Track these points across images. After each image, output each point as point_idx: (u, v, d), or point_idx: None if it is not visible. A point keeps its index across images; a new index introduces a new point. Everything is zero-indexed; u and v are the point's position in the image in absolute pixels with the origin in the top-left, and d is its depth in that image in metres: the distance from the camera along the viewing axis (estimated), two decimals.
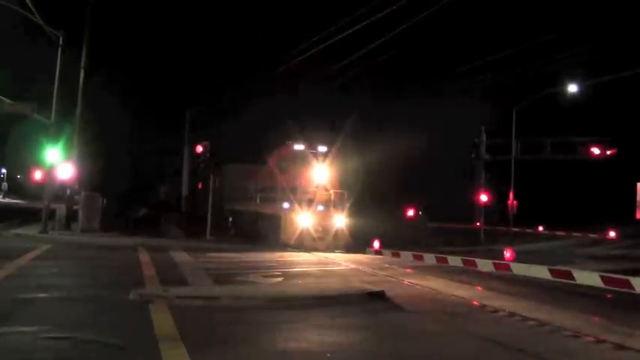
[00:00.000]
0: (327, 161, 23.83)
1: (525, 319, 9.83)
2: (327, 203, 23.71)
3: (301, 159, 24.27)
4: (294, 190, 23.61)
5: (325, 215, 23.47)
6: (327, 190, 23.83)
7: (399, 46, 23.63)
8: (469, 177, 38.58)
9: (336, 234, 23.23)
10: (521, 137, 35.97)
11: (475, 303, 11.41)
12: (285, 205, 23.48)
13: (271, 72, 30.49)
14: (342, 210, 23.58)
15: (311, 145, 24.18)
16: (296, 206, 23.18)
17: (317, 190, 23.72)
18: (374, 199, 28.45)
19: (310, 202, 23.46)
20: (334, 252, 21.74)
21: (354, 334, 8.55)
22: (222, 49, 40.81)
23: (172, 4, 42.42)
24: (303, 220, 22.98)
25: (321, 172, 23.86)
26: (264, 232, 24.73)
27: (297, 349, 7.54)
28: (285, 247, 22.34)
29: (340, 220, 23.45)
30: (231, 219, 29.28)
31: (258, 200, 26.23)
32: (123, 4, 35.39)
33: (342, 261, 18.65)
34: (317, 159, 23.86)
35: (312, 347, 7.65)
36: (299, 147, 24.38)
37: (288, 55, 26.61)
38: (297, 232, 22.86)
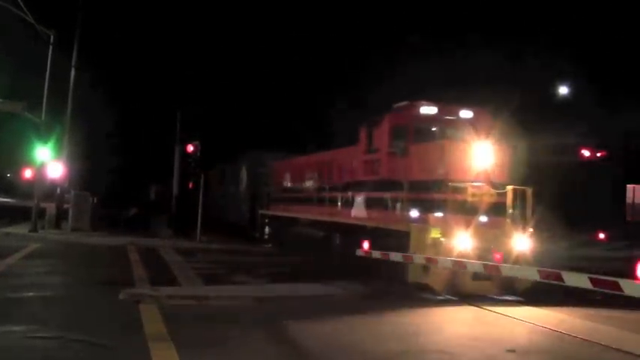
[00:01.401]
0: (491, 137, 12.94)
1: (517, 320, 9.91)
2: (497, 210, 12.44)
3: (437, 131, 14.21)
4: (435, 185, 12.60)
5: (496, 231, 12.25)
6: (494, 186, 12.46)
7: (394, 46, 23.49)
8: None
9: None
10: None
11: (468, 303, 11.46)
12: (414, 213, 12.88)
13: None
14: (525, 222, 12.43)
15: (448, 108, 14.28)
16: (437, 216, 12.51)
17: (481, 188, 12.46)
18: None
19: (467, 206, 12.38)
20: (503, 299, 12.08)
21: (346, 334, 8.56)
22: (218, 47, 40.69)
23: (165, 3, 42.33)
24: (458, 240, 11.83)
25: (482, 154, 12.47)
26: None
27: (289, 349, 7.54)
28: (413, 290, 12.13)
29: (523, 241, 12.21)
30: (268, 229, 22.71)
31: (339, 203, 16.36)
32: (114, 4, 35.35)
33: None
34: (476, 132, 13.43)
35: (304, 347, 7.66)
36: (429, 109, 13.95)
37: None
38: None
